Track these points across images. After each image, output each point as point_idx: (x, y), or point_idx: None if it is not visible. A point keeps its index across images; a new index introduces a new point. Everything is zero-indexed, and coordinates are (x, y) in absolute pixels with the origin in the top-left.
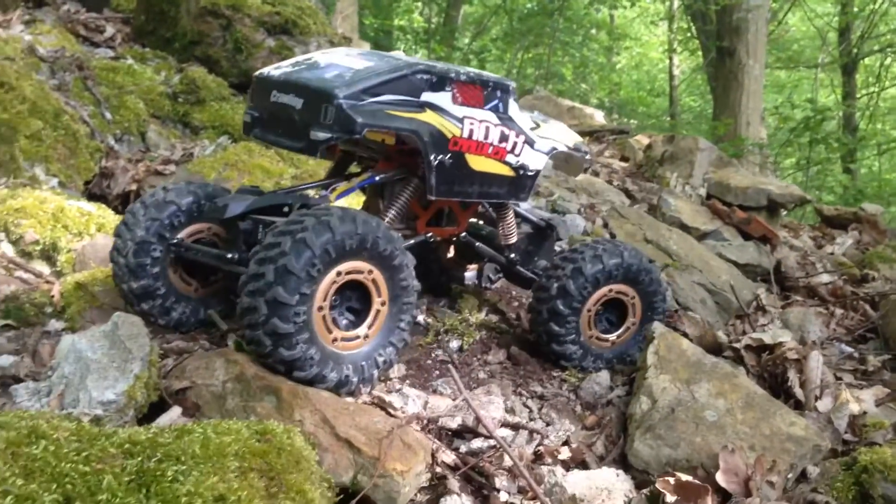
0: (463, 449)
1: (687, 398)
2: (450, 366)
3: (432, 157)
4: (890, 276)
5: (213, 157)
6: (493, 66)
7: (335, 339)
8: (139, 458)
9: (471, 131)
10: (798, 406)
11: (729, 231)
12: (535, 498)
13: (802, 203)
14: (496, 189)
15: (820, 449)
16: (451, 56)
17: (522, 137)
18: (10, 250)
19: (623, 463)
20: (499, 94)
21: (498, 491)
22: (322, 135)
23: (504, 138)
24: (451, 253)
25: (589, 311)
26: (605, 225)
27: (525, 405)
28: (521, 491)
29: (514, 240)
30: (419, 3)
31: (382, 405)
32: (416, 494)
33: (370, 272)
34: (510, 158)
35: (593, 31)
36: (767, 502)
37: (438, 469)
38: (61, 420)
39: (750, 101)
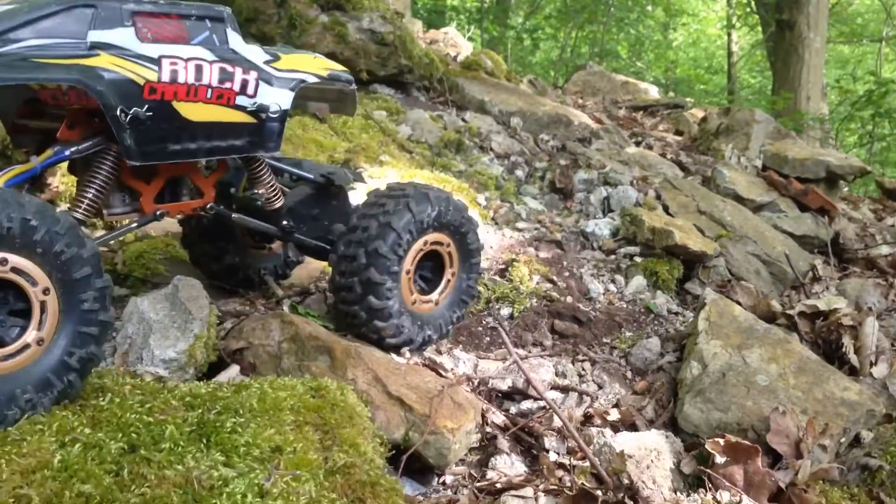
0: (513, 410)
1: (738, 363)
2: (500, 328)
3: (118, 112)
4: None
5: None
6: (547, 45)
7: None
8: (199, 410)
9: (174, 73)
10: (852, 372)
11: (785, 203)
12: (584, 458)
13: (863, 174)
14: (232, 141)
15: (874, 414)
16: (505, 35)
17: (255, 74)
18: None
19: (673, 426)
20: (209, 24)
21: (547, 451)
22: None
23: (228, 77)
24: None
25: (408, 272)
26: (658, 196)
27: (576, 369)
28: (570, 451)
29: (279, 203)
30: None
31: (434, 366)
32: (466, 453)
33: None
34: (242, 100)
35: (649, 7)
36: (819, 465)
37: (488, 429)
38: (126, 376)
39: (810, 74)
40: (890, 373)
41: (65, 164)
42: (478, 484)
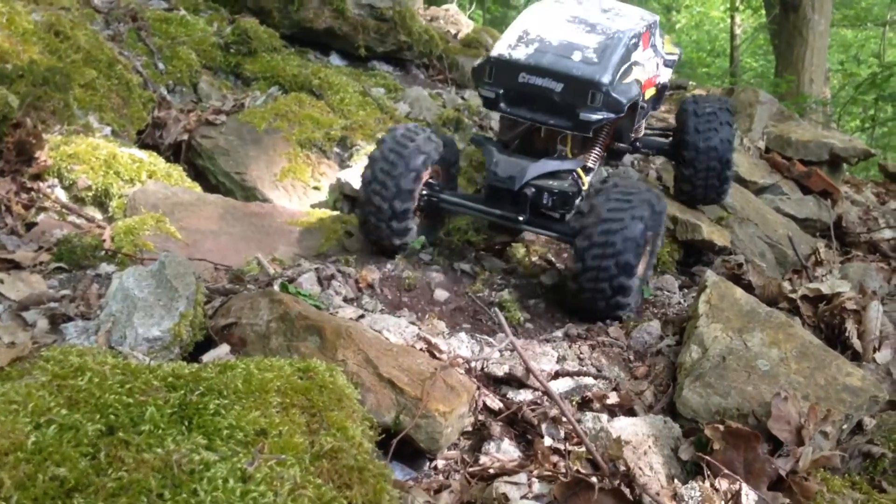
0: (509, 395)
1: (739, 347)
2: (496, 310)
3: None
4: None
5: (264, 107)
6: None
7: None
8: (182, 392)
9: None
10: (855, 357)
11: (788, 185)
12: (580, 443)
13: (866, 157)
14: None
15: (877, 400)
16: (508, 15)
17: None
18: (63, 195)
19: (672, 412)
20: (654, 30)
21: (542, 437)
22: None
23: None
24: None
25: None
26: (659, 178)
27: (574, 352)
28: (566, 437)
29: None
30: None
31: (429, 347)
32: (459, 438)
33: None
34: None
35: None
36: (820, 452)
37: (482, 415)
38: (107, 355)
39: (814, 57)
40: (893, 358)
41: None
42: (470, 469)
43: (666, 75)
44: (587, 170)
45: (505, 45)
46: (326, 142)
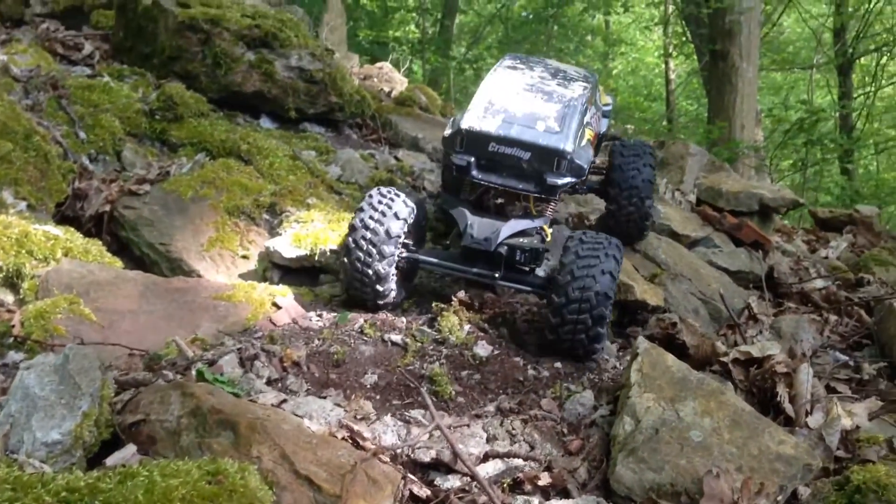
0: (437, 481)
1: (672, 418)
2: (423, 391)
3: None
4: (885, 280)
5: (191, 174)
6: None
7: None
8: None
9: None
10: (788, 422)
11: (720, 237)
12: None
13: (795, 207)
14: None
15: (811, 468)
16: (448, 66)
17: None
18: None
19: (606, 489)
20: (595, 89)
21: None
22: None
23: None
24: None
25: None
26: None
27: (506, 429)
28: None
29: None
30: (414, 14)
31: (352, 435)
32: None
33: None
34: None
35: (588, 37)
36: None
37: None
38: (2, 464)
39: (744, 103)
40: (826, 422)
41: None
42: None
43: (604, 125)
44: (549, 223)
45: (474, 117)
46: (255, 209)
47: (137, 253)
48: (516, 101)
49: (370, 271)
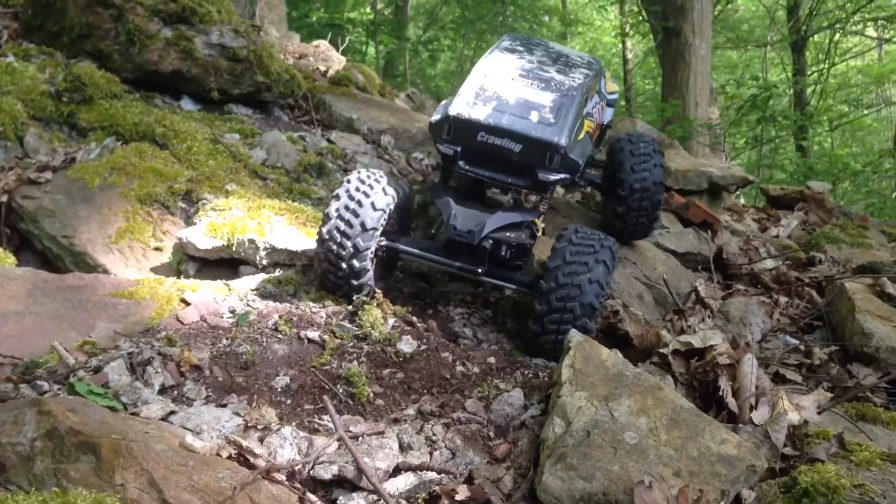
0: (341, 500)
1: (605, 418)
2: (326, 398)
3: None
4: (837, 258)
5: (99, 160)
6: (445, 56)
7: None
8: None
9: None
10: (731, 418)
11: (668, 218)
12: None
13: (745, 184)
14: None
15: (755, 469)
16: (402, 47)
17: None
18: None
19: (533, 499)
20: (600, 77)
21: None
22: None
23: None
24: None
25: None
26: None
27: (425, 435)
28: None
29: None
30: None
31: (241, 452)
32: None
33: None
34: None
35: (546, 17)
36: None
37: None
38: None
39: (697, 80)
40: (771, 417)
41: None
42: None
43: (608, 115)
44: (540, 216)
45: (463, 103)
46: (170, 196)
47: (39, 247)
48: (510, 87)
49: (344, 265)
